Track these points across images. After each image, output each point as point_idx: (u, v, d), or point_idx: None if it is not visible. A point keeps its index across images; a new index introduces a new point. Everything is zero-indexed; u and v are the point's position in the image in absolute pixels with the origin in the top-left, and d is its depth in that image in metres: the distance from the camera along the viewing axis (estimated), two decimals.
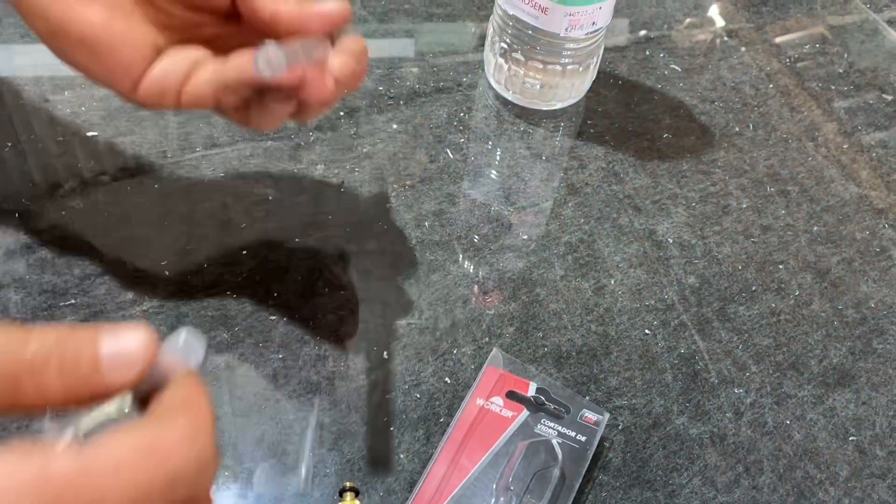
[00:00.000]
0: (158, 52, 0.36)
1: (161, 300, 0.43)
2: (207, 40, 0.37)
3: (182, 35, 0.36)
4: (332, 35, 0.36)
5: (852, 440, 0.42)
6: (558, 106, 0.55)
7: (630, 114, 0.57)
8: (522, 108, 0.55)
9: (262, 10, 0.35)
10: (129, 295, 0.43)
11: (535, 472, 0.37)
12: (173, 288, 0.43)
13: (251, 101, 0.36)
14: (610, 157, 0.54)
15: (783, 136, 0.57)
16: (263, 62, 0.32)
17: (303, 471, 0.38)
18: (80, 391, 0.24)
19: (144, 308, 0.43)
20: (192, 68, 0.36)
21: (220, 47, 0.37)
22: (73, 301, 0.42)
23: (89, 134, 0.49)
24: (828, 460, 0.41)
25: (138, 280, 0.43)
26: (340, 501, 0.37)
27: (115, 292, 0.43)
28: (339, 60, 0.35)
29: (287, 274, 0.45)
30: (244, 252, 0.45)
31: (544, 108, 0.55)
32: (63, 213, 0.46)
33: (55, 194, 0.46)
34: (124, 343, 0.24)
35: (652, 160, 0.54)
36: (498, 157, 0.53)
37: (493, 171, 0.52)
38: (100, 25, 0.33)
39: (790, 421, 0.43)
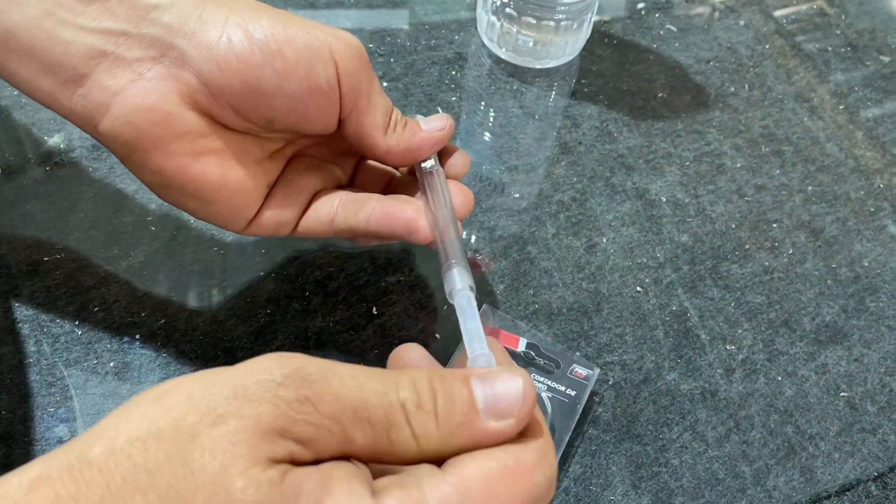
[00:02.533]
0: (269, 186, 0.36)
1: (146, 255, 0.42)
2: (305, 148, 0.38)
3: (284, 154, 0.37)
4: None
5: (843, 396, 0.42)
6: (551, 64, 0.54)
7: (624, 73, 0.56)
8: (515, 66, 0.54)
9: (376, 146, 0.35)
10: (115, 250, 0.42)
11: None
12: (159, 244, 0.43)
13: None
14: (604, 117, 0.53)
15: (778, 97, 0.57)
16: (459, 297, 0.32)
17: None
18: (456, 436, 0.23)
19: (130, 262, 0.42)
20: (309, 201, 0.36)
21: (316, 154, 0.38)
22: (57, 256, 0.42)
23: None
24: (819, 416, 0.41)
25: (124, 235, 0.43)
26: None
27: (100, 247, 0.42)
28: (459, 202, 0.36)
29: None
30: None
31: (538, 67, 0.54)
32: (47, 168, 0.45)
33: (39, 150, 0.46)
34: (501, 388, 0.24)
35: (646, 119, 0.54)
36: (490, 117, 0.52)
37: (486, 130, 0.52)
38: (215, 179, 0.33)
39: (782, 377, 0.42)
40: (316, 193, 0.37)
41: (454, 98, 0.53)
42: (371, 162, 0.40)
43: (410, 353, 0.28)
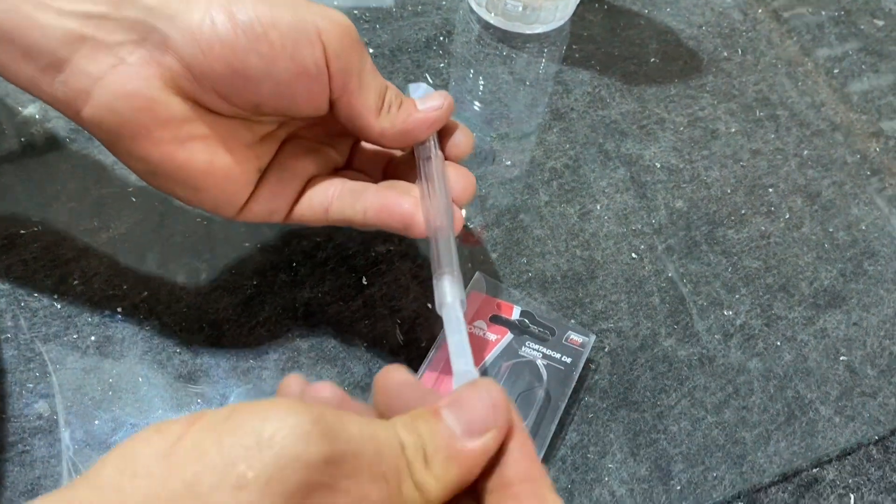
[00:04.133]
0: (261, 171, 0.34)
1: (128, 227, 0.41)
2: (299, 130, 0.37)
3: (277, 137, 0.35)
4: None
5: (843, 360, 0.41)
6: (541, 30, 0.53)
7: (616, 38, 0.55)
8: (505, 32, 0.53)
9: (369, 128, 0.34)
10: (95, 222, 0.41)
11: (519, 393, 0.36)
12: (140, 215, 0.42)
13: None
14: (596, 82, 0.52)
15: (772, 62, 0.56)
16: (447, 311, 0.31)
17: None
18: (448, 471, 0.22)
19: (111, 234, 0.41)
20: (303, 187, 0.35)
21: (311, 135, 0.37)
22: (35, 229, 0.40)
23: None
24: (819, 380, 0.40)
25: (104, 206, 0.41)
26: None
27: (79, 219, 0.41)
28: (459, 189, 0.35)
29: None
30: None
31: (527, 32, 0.53)
32: (22, 139, 0.43)
33: (13, 120, 0.44)
34: (469, 408, 0.23)
35: (639, 85, 0.52)
36: (480, 83, 0.51)
37: (475, 98, 0.50)
38: (203, 166, 0.31)
39: (780, 342, 0.42)
40: (311, 179, 0.35)
41: (442, 65, 0.51)
42: (368, 144, 0.38)
43: (397, 378, 0.25)
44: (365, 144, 0.39)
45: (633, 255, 0.44)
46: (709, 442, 0.38)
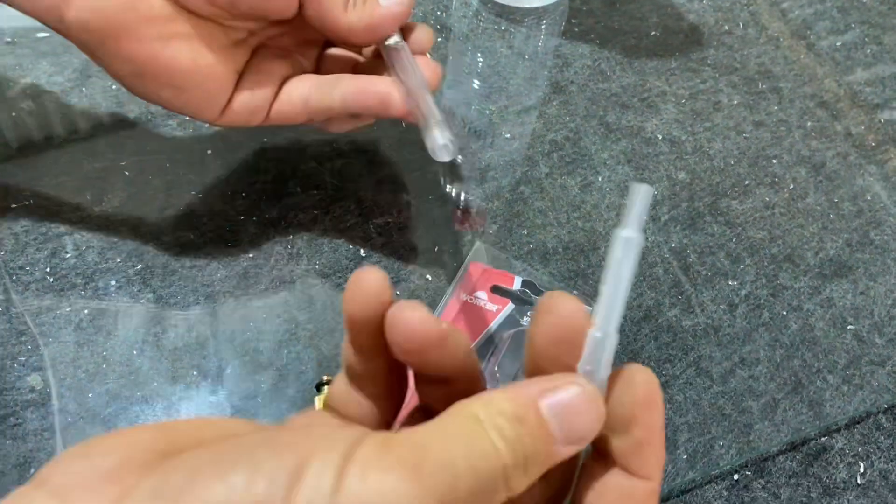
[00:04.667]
0: (238, 73, 0.35)
1: (121, 200, 0.40)
2: (268, 39, 0.37)
3: (249, 44, 0.36)
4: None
5: (850, 329, 0.41)
6: (540, 4, 0.52)
7: (615, 12, 0.54)
8: (503, 6, 0.52)
9: (337, 24, 0.34)
10: (87, 195, 0.40)
11: (522, 362, 0.35)
12: (133, 188, 0.41)
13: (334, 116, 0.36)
14: (595, 56, 0.51)
15: (774, 35, 0.55)
16: (442, 152, 0.33)
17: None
18: (532, 464, 0.18)
19: (104, 208, 0.40)
20: (279, 86, 0.36)
21: (279, 44, 0.37)
22: (26, 203, 0.40)
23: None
24: (826, 349, 0.40)
25: (96, 180, 0.41)
26: (318, 395, 0.35)
27: (71, 193, 0.40)
28: (427, 75, 0.35)
29: (257, 174, 0.42)
30: (209, 152, 0.43)
31: (526, 6, 0.52)
32: (13, 114, 0.43)
33: (4, 95, 0.43)
34: (571, 408, 0.19)
35: (639, 58, 0.52)
36: (479, 58, 0.50)
37: (474, 72, 0.50)
38: (187, 64, 0.32)
39: (787, 312, 0.41)
40: (285, 79, 0.36)
41: (440, 39, 0.51)
42: (334, 50, 0.39)
43: (414, 314, 0.19)
44: (331, 51, 0.39)
45: None
46: (715, 411, 0.37)
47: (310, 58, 0.38)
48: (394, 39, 0.35)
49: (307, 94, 0.35)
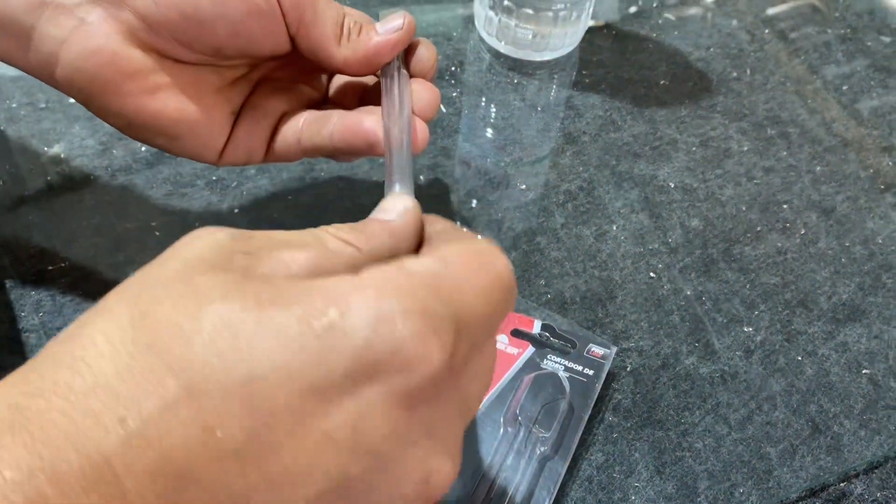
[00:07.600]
0: (234, 114, 0.35)
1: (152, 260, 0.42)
2: (271, 72, 0.37)
3: (250, 79, 0.36)
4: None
5: (865, 373, 0.41)
6: (551, 56, 0.54)
7: (625, 62, 0.56)
8: (515, 60, 0.54)
9: (332, 58, 0.34)
10: (120, 256, 0.42)
11: (542, 405, 0.36)
12: (164, 248, 0.42)
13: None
14: (607, 106, 0.53)
15: (781, 80, 0.56)
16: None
17: None
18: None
19: (136, 268, 0.41)
20: (276, 125, 0.36)
21: (284, 75, 0.37)
22: (62, 265, 0.41)
23: None
24: (842, 394, 0.40)
25: (129, 241, 0.42)
26: None
27: (105, 254, 0.42)
28: (423, 103, 0.35)
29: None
30: (235, 211, 0.44)
31: (538, 59, 0.54)
32: (48, 178, 0.45)
33: (39, 160, 0.45)
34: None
35: (650, 107, 0.53)
36: (493, 111, 0.52)
37: (488, 124, 0.51)
38: (175, 114, 0.33)
39: (801, 357, 0.42)
40: (283, 116, 0.36)
41: (455, 94, 0.52)
42: (342, 76, 0.39)
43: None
44: (339, 76, 0.39)
45: (651, 274, 0.44)
46: (734, 458, 0.38)
47: (318, 86, 0.38)
48: (393, 64, 0.34)
49: (299, 132, 0.35)
